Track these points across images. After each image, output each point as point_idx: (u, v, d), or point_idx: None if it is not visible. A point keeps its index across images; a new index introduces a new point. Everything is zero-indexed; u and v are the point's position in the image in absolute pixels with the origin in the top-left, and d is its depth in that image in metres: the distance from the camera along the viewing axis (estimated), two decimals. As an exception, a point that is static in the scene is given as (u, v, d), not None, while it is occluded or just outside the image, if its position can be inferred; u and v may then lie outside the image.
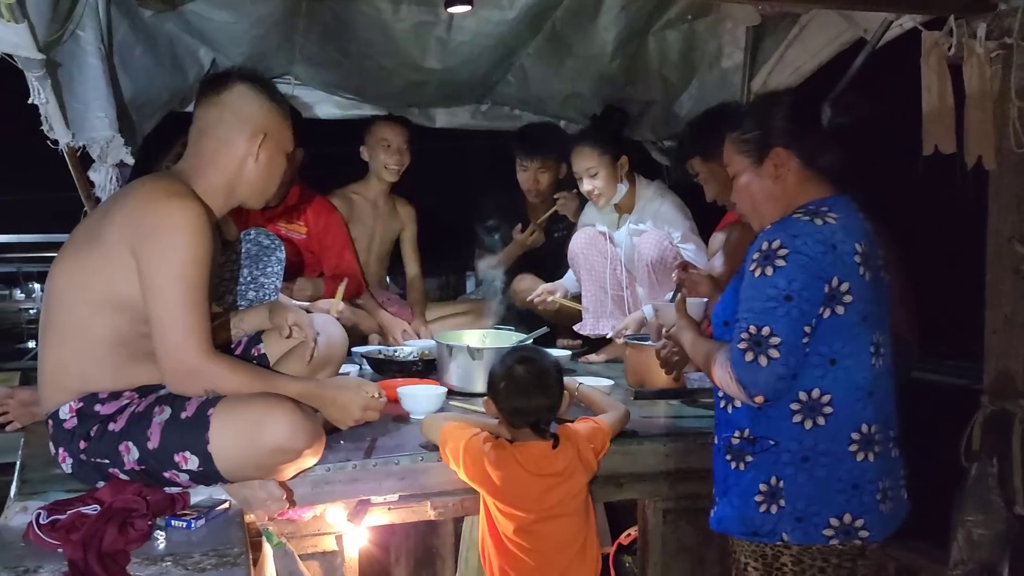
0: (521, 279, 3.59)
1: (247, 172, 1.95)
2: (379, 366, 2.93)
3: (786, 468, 1.69)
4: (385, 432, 2.26)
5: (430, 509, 2.14)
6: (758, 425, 1.72)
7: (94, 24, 2.41)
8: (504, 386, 1.98)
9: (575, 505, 1.94)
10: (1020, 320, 2.20)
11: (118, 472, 1.83)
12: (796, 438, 1.68)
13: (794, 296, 1.61)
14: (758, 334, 1.62)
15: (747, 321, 1.64)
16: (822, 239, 1.64)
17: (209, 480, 1.86)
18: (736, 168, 1.83)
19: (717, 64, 3.36)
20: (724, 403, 1.80)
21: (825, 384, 1.67)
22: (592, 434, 2.03)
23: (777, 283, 1.62)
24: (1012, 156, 2.22)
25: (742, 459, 1.74)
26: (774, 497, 1.69)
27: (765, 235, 1.68)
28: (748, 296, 1.67)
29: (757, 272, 1.65)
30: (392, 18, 3.04)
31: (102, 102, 2.42)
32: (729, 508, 1.76)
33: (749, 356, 1.62)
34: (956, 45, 2.28)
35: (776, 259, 1.63)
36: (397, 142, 3.58)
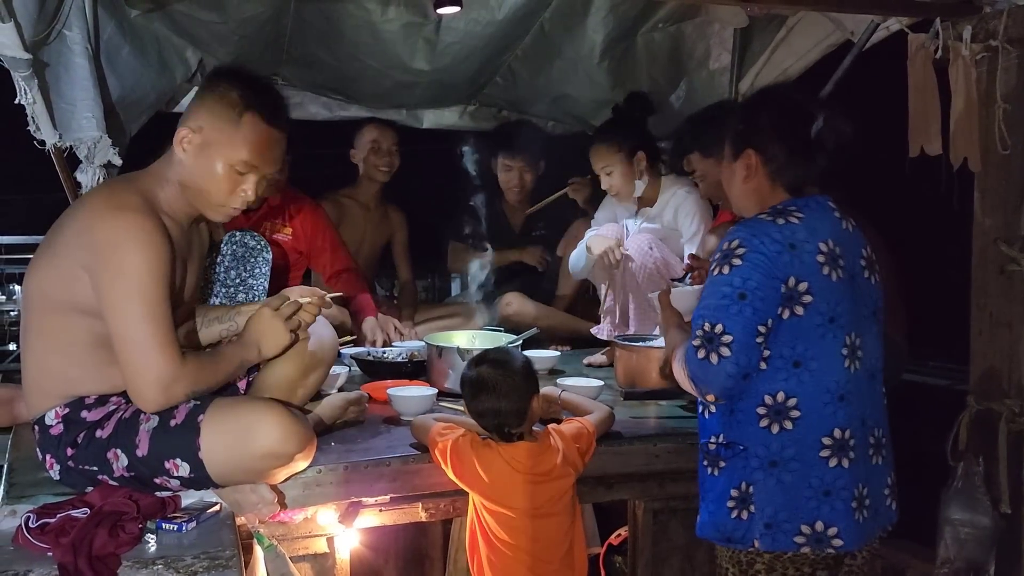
0: (509, 303, 3.53)
1: (182, 171, 1.85)
2: (369, 367, 2.92)
3: (755, 473, 1.68)
4: (376, 434, 2.26)
5: (421, 511, 2.14)
6: (730, 430, 1.72)
7: (81, 24, 2.39)
8: (467, 388, 2.00)
9: (562, 505, 1.94)
10: (1005, 320, 2.23)
11: (107, 479, 1.81)
12: (763, 443, 1.67)
13: (748, 295, 1.62)
14: (711, 331, 1.63)
15: (702, 319, 1.66)
16: (779, 238, 1.65)
17: (200, 486, 1.84)
18: (724, 152, 1.87)
19: (705, 66, 3.37)
20: (702, 408, 1.80)
21: (790, 387, 1.66)
22: (577, 434, 2.03)
23: (732, 281, 1.63)
24: (997, 157, 2.25)
25: (716, 464, 1.73)
26: (744, 503, 1.69)
27: (727, 236, 1.70)
28: (706, 294, 1.69)
29: (716, 271, 1.67)
30: (380, 19, 3.03)
31: (89, 102, 2.40)
32: (706, 514, 1.76)
33: (701, 353, 1.64)
34: (942, 47, 2.30)
35: (733, 258, 1.65)
36: (387, 144, 3.60)
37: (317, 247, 3.36)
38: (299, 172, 3.44)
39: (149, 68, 2.93)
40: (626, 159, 3.12)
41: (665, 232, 3.16)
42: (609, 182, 3.16)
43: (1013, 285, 2.21)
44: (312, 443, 1.91)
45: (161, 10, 2.82)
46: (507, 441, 1.95)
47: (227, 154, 1.83)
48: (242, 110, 1.82)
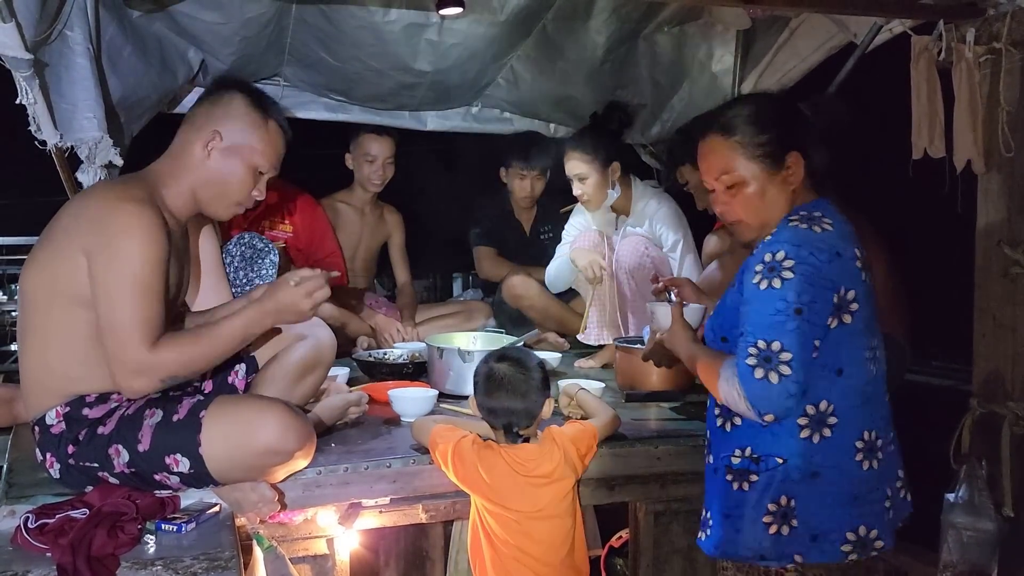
0: (513, 285, 3.54)
1: (202, 173, 1.93)
2: (369, 369, 2.92)
3: (796, 486, 1.62)
4: (376, 435, 2.25)
5: (422, 512, 2.14)
6: (762, 442, 1.65)
7: (83, 24, 2.38)
8: (481, 383, 1.99)
9: (564, 507, 1.94)
10: (1009, 323, 2.22)
11: (107, 476, 1.81)
12: (804, 454, 1.62)
13: (804, 309, 1.55)
14: (767, 349, 1.55)
15: (754, 336, 1.57)
16: (825, 247, 1.59)
17: (200, 483, 1.84)
18: (743, 174, 1.70)
19: (707, 67, 3.37)
20: (721, 420, 1.73)
21: (832, 395, 1.62)
22: (578, 436, 2.02)
23: (786, 296, 1.56)
24: (1001, 160, 2.24)
25: (745, 479, 1.66)
26: (785, 518, 1.63)
27: (766, 247, 1.62)
28: (754, 310, 1.60)
29: (763, 284, 1.58)
30: (382, 20, 3.03)
31: (90, 103, 2.39)
32: (733, 532, 1.68)
33: (759, 373, 1.55)
34: (945, 50, 2.30)
35: (783, 271, 1.57)
36: (382, 157, 3.60)
37: (313, 239, 3.43)
38: (300, 172, 3.44)
39: (151, 68, 2.92)
40: (601, 168, 3.14)
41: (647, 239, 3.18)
42: (582, 189, 3.17)
43: (1016, 288, 2.20)
44: (312, 441, 1.91)
45: (163, 11, 2.81)
46: (512, 440, 1.94)
47: (253, 157, 1.96)
48: (267, 117, 1.98)
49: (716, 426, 1.75)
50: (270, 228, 3.34)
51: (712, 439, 1.77)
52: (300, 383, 2.12)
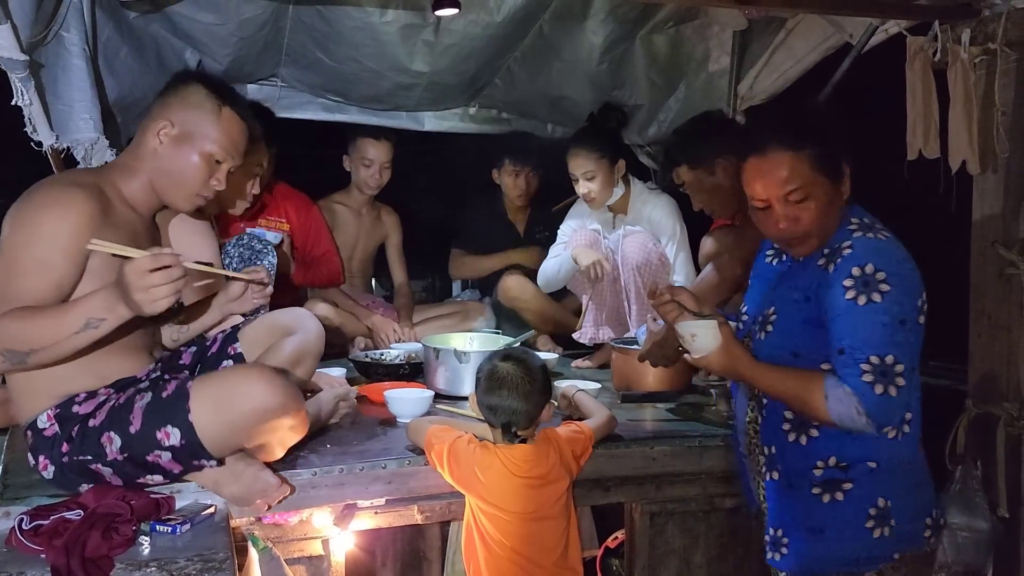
0: (509, 287, 3.54)
1: (157, 162, 1.90)
2: (366, 369, 2.92)
3: (888, 486, 1.65)
4: (372, 436, 2.25)
5: (417, 513, 2.14)
6: (849, 449, 1.65)
7: (79, 25, 2.39)
8: (483, 381, 1.98)
9: (558, 508, 1.94)
10: (1004, 323, 2.22)
11: (100, 467, 1.80)
12: (894, 455, 1.65)
13: (907, 320, 1.57)
14: (882, 364, 1.56)
15: (863, 351, 1.56)
16: (903, 255, 1.62)
17: (192, 457, 1.79)
18: (811, 188, 1.66)
19: (704, 68, 3.37)
20: (795, 434, 1.70)
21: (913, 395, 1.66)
22: (573, 438, 2.03)
23: (889, 309, 1.56)
24: (996, 161, 2.24)
25: (837, 489, 1.66)
26: (884, 519, 1.64)
27: (850, 261, 1.60)
28: (855, 324, 1.58)
29: (861, 300, 1.57)
30: (379, 21, 3.03)
31: (87, 103, 2.39)
32: (831, 543, 1.66)
33: (879, 388, 1.55)
34: (941, 50, 2.30)
35: (878, 284, 1.57)
36: (379, 161, 3.61)
37: (309, 237, 3.43)
38: (297, 173, 3.45)
39: (147, 69, 2.93)
40: (608, 166, 3.16)
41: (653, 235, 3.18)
42: (588, 187, 3.18)
43: (1011, 289, 2.20)
44: (300, 406, 1.87)
45: (159, 12, 2.81)
46: (510, 440, 1.94)
47: (206, 144, 1.91)
48: (220, 104, 1.94)
49: (787, 441, 1.71)
50: (267, 227, 3.35)
51: (779, 454, 1.73)
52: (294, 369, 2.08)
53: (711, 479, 2.27)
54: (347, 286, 3.71)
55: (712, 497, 2.29)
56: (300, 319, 2.14)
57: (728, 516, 2.30)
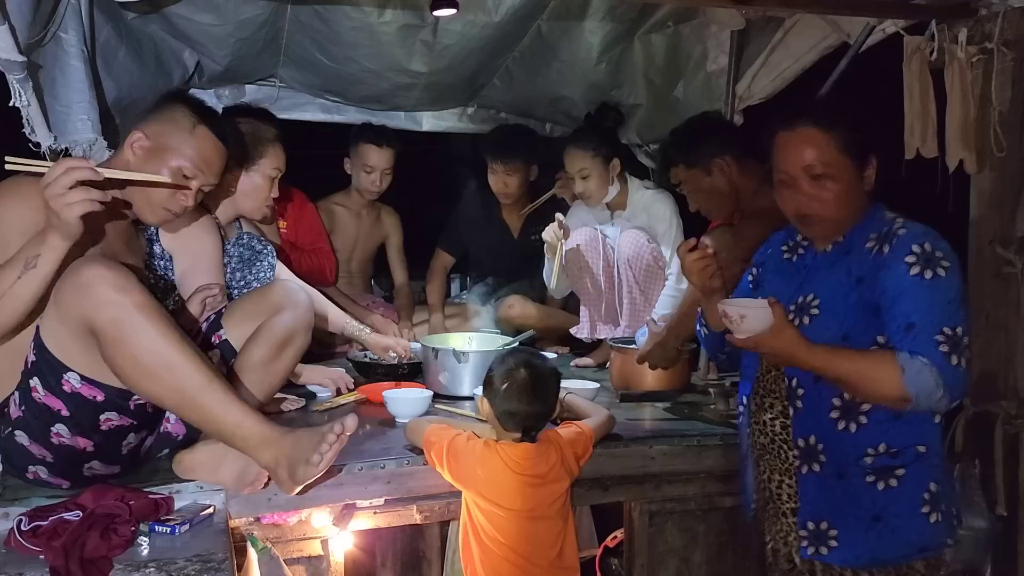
0: (511, 305, 3.53)
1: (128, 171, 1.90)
2: (365, 370, 2.93)
3: (936, 471, 1.68)
4: (371, 436, 2.25)
5: (416, 513, 2.14)
6: (898, 435, 1.65)
7: (77, 26, 2.38)
8: (504, 388, 1.96)
9: (555, 508, 1.94)
10: (1001, 322, 2.23)
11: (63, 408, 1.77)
12: (938, 439, 1.70)
13: (964, 297, 1.63)
14: (955, 335, 1.58)
15: (935, 324, 1.58)
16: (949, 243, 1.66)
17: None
18: (836, 168, 1.68)
19: (702, 68, 3.36)
20: (844, 423, 1.68)
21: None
22: (575, 439, 2.03)
23: (953, 285, 1.61)
24: (993, 160, 2.24)
25: (891, 475, 1.65)
26: (936, 504, 1.66)
27: (909, 239, 1.63)
28: (923, 298, 1.59)
29: (928, 274, 1.59)
30: (377, 21, 3.03)
31: (85, 104, 2.39)
32: (890, 533, 1.65)
33: (955, 360, 1.57)
34: (938, 50, 2.30)
35: (941, 261, 1.60)
36: (380, 168, 3.60)
37: (303, 231, 3.45)
38: (297, 172, 3.45)
39: (146, 70, 2.93)
40: (603, 164, 3.16)
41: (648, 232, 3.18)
42: (584, 185, 3.18)
43: (1009, 288, 2.21)
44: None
45: (158, 13, 2.81)
46: (529, 440, 1.94)
47: (175, 159, 1.93)
48: (196, 122, 1.97)
49: (836, 430, 1.69)
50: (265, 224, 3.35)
51: (825, 444, 1.70)
52: (282, 353, 2.07)
53: (710, 478, 2.28)
54: (346, 286, 3.71)
55: (711, 496, 2.29)
56: (290, 294, 2.11)
57: (727, 515, 2.30)
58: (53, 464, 1.83)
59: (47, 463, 1.83)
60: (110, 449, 1.86)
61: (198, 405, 1.75)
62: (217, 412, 1.75)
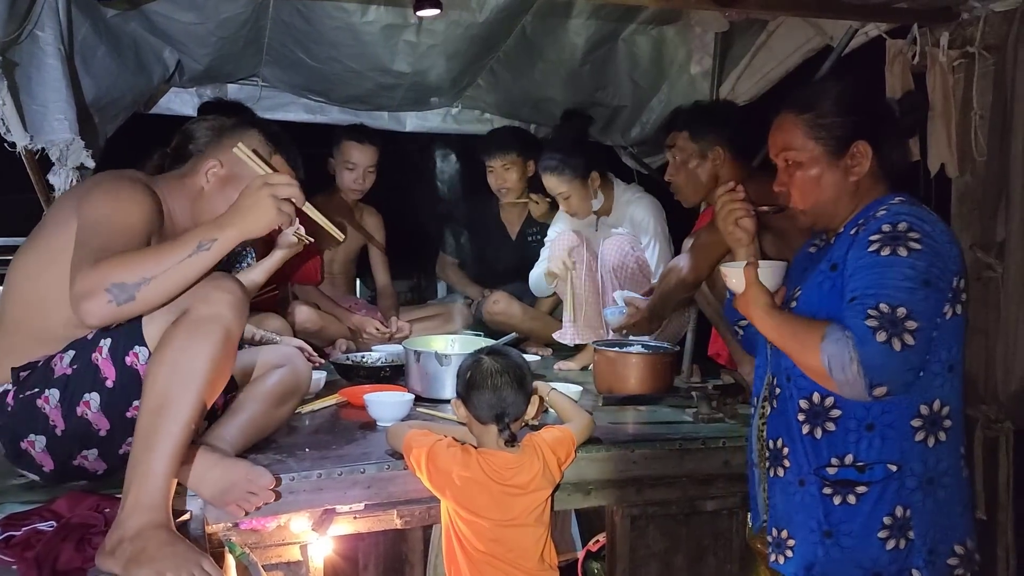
0: (496, 301, 3.53)
1: (201, 198, 1.97)
2: (346, 372, 2.90)
3: (913, 495, 1.51)
4: (351, 440, 2.23)
5: (396, 518, 2.12)
6: (868, 448, 1.52)
7: (54, 24, 2.36)
8: (471, 376, 1.96)
9: (535, 516, 1.92)
10: (981, 326, 2.23)
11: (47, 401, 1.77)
12: (921, 459, 1.51)
13: (931, 283, 1.45)
14: (892, 313, 1.42)
15: (875, 298, 1.44)
16: (944, 230, 1.51)
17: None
18: (803, 154, 1.63)
19: (686, 69, 3.37)
20: (808, 427, 1.59)
21: (945, 394, 1.53)
22: (557, 443, 2.01)
23: (916, 264, 1.45)
24: (974, 164, 2.25)
25: (850, 492, 1.53)
26: (902, 530, 1.51)
27: (882, 220, 1.52)
28: (875, 275, 1.47)
29: (885, 251, 1.47)
30: (360, 20, 3.01)
31: (61, 104, 2.36)
32: (837, 550, 1.55)
33: (881, 336, 1.40)
34: (919, 53, 2.31)
35: (908, 240, 1.46)
36: (363, 165, 3.57)
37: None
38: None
39: (125, 69, 2.90)
40: (581, 183, 3.16)
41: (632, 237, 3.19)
42: (567, 204, 3.21)
43: (989, 291, 2.21)
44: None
45: (137, 11, 2.78)
46: (501, 434, 1.92)
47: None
48: (272, 151, 2.01)
49: (801, 433, 1.60)
50: None
51: (790, 449, 1.62)
52: (278, 408, 2.11)
53: (692, 482, 2.27)
54: (329, 288, 3.69)
55: (693, 500, 2.28)
56: (289, 356, 2.17)
57: (709, 519, 2.30)
58: (55, 438, 1.78)
59: (51, 435, 1.78)
60: (115, 441, 1.81)
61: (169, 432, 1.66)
62: (164, 451, 1.64)
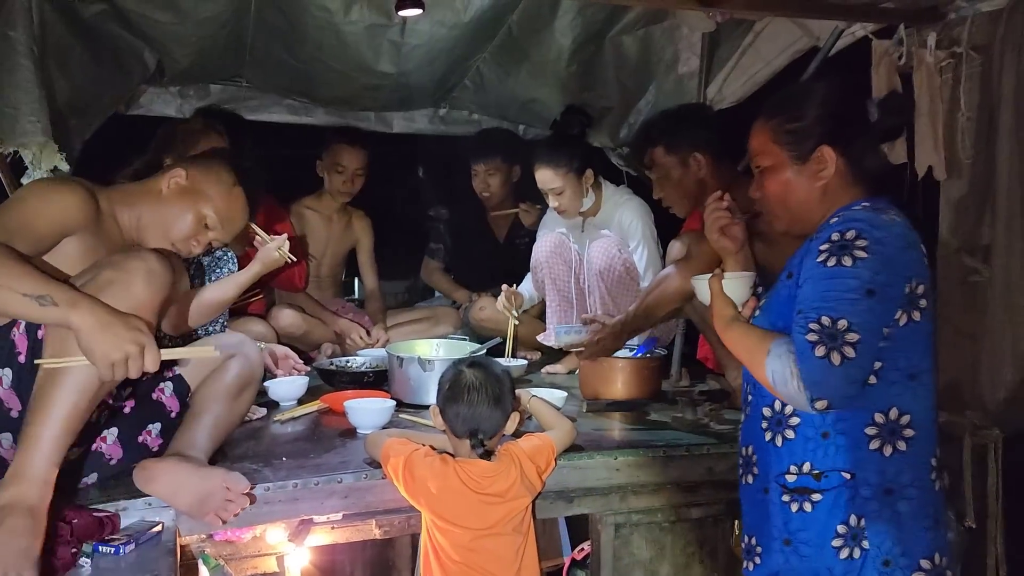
0: (482, 308, 3.50)
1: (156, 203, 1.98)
2: (330, 377, 2.87)
3: (868, 504, 1.50)
4: (330, 448, 2.19)
5: (375, 528, 2.08)
6: (823, 457, 1.52)
7: (26, 24, 2.31)
8: (449, 388, 1.92)
9: (514, 525, 1.89)
10: (968, 331, 2.21)
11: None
12: (877, 469, 1.50)
13: (877, 292, 1.42)
14: (832, 327, 1.40)
15: (817, 311, 1.43)
16: (900, 234, 1.48)
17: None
18: (770, 159, 1.64)
19: (673, 70, 3.33)
20: (770, 435, 1.59)
21: (904, 402, 1.50)
22: (536, 452, 1.97)
23: (860, 274, 1.43)
24: (961, 167, 2.22)
25: (807, 499, 1.53)
26: (856, 540, 1.50)
27: (833, 227, 1.49)
28: (820, 287, 1.46)
29: (831, 262, 1.45)
30: (343, 20, 2.96)
31: (34, 106, 2.31)
32: (796, 559, 1.55)
33: (820, 351, 1.40)
34: (906, 54, 2.28)
35: (855, 249, 1.44)
36: (352, 168, 3.55)
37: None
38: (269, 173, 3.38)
39: (103, 69, 2.85)
40: (575, 178, 3.12)
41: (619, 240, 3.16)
42: (559, 201, 3.15)
43: (975, 296, 2.18)
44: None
45: (114, 10, 2.73)
46: (477, 450, 1.88)
47: (207, 207, 2.02)
48: (235, 183, 2.08)
49: (763, 441, 1.61)
50: None
51: (758, 456, 1.63)
52: (238, 399, 2.06)
53: (677, 489, 2.24)
54: (316, 291, 3.66)
55: (678, 507, 2.25)
56: (239, 343, 2.11)
57: (694, 526, 2.26)
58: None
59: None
60: None
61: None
62: (53, 417, 1.58)
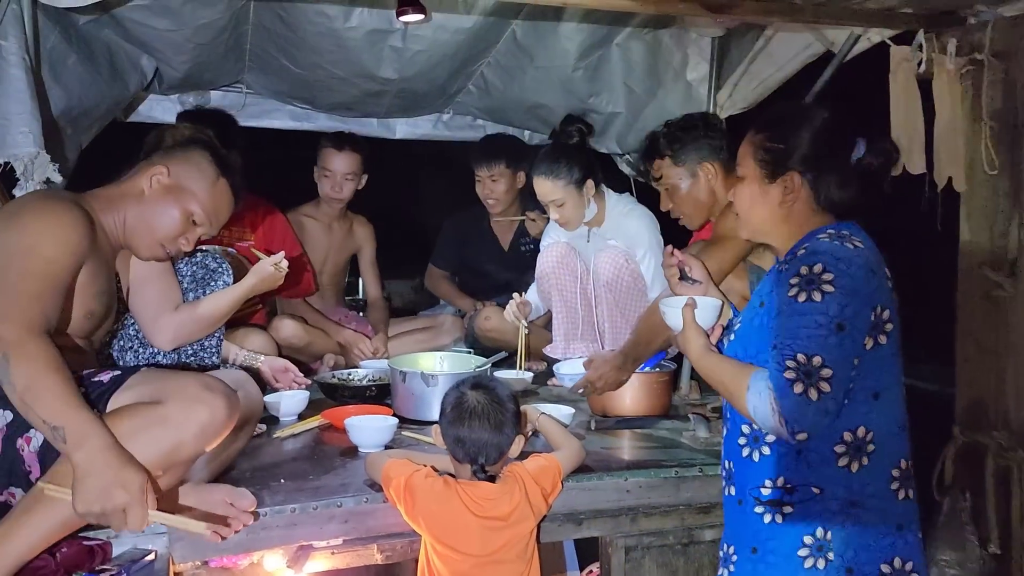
0: (487, 317, 3.43)
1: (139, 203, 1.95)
2: (331, 391, 2.80)
3: (834, 517, 1.57)
4: (329, 469, 2.12)
5: (377, 553, 2.01)
6: (795, 472, 1.58)
7: (18, 32, 2.26)
8: (451, 411, 1.87)
9: (517, 551, 1.82)
10: (991, 347, 2.13)
11: None
12: (844, 484, 1.56)
13: (846, 325, 1.50)
14: (807, 364, 1.48)
15: (792, 349, 1.50)
16: (863, 263, 1.53)
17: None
18: (745, 171, 1.70)
19: (682, 75, 3.27)
20: (748, 450, 1.65)
21: (869, 420, 1.57)
22: (541, 473, 1.90)
23: (828, 310, 1.49)
24: (983, 177, 2.14)
25: (778, 511, 1.60)
26: (822, 551, 1.57)
27: (800, 260, 1.56)
28: (792, 323, 1.52)
29: (801, 297, 1.52)
30: (343, 27, 2.90)
31: (25, 116, 2.25)
32: (764, 568, 1.61)
33: (798, 388, 1.47)
34: (925, 61, 2.21)
35: (822, 284, 1.51)
36: (339, 173, 3.46)
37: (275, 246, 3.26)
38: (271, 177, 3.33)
39: (99, 77, 2.80)
40: (576, 190, 3.02)
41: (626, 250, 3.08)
42: (560, 213, 3.06)
43: (999, 312, 2.10)
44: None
45: (110, 17, 2.68)
46: (478, 476, 1.82)
47: (191, 203, 1.99)
48: (219, 175, 2.05)
49: (742, 456, 1.66)
50: (229, 240, 3.21)
51: (736, 469, 1.69)
52: (235, 439, 1.99)
53: (689, 511, 2.17)
54: (317, 300, 3.59)
55: (691, 529, 2.18)
56: (241, 382, 2.03)
57: (708, 548, 2.19)
58: None
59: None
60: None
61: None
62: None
